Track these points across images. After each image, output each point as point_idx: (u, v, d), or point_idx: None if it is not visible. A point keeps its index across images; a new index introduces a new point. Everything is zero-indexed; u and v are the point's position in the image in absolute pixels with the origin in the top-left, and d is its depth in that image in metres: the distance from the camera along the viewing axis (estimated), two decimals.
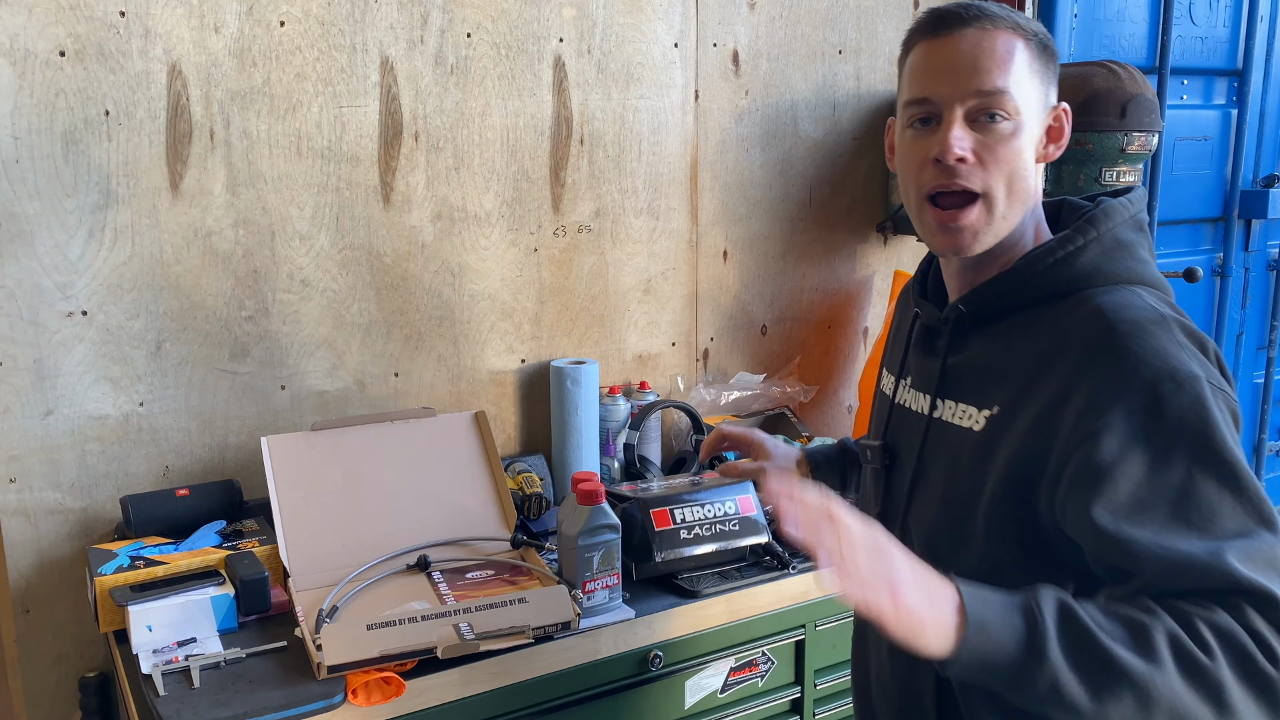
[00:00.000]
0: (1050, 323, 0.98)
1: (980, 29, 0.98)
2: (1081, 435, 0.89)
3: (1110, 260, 1.00)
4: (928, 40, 1.01)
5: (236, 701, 1.25)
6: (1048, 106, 1.03)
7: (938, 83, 0.98)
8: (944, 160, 0.97)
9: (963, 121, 0.98)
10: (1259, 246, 3.29)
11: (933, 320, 1.12)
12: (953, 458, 1.04)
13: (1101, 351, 0.91)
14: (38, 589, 1.63)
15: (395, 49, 1.77)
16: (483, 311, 1.93)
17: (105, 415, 1.64)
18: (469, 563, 1.60)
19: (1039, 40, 1.01)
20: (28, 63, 1.51)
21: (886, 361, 1.27)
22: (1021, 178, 0.99)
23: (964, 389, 1.05)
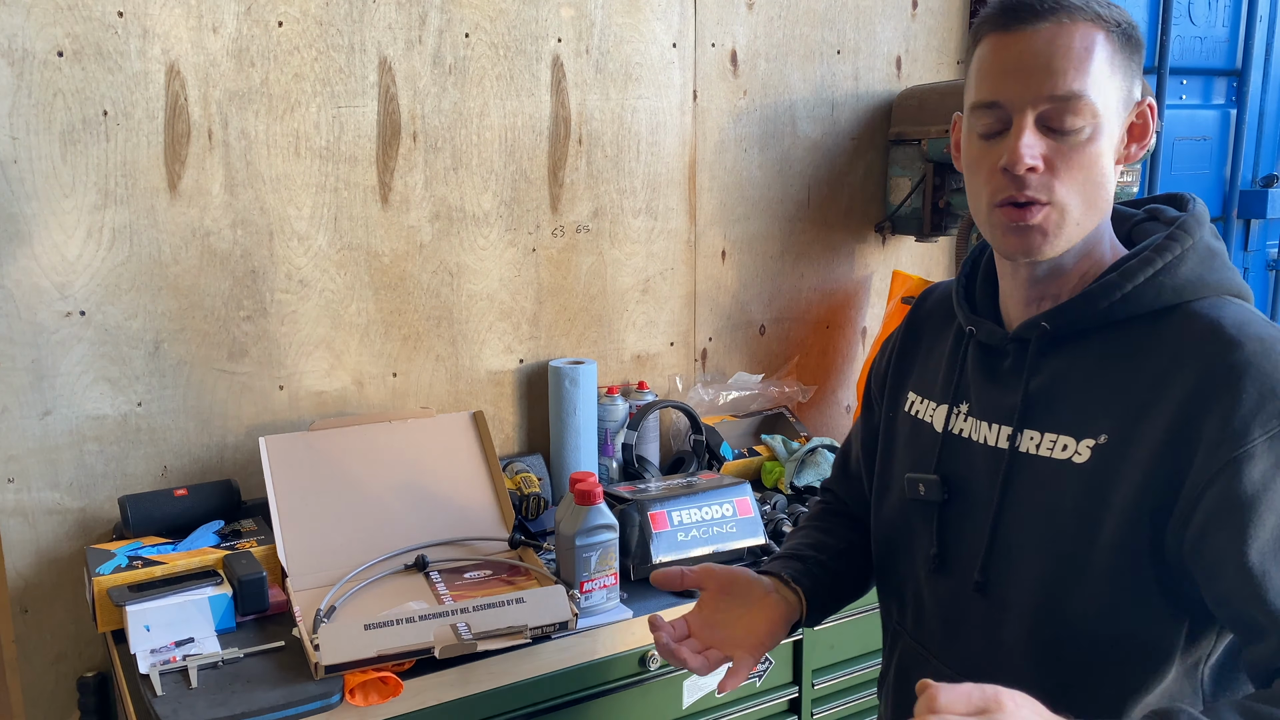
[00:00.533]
0: (1158, 339, 0.91)
1: (1057, 23, 0.88)
2: (1220, 463, 0.82)
3: (1210, 270, 0.93)
4: (998, 34, 0.91)
5: (234, 701, 1.25)
6: (1130, 103, 0.94)
7: (1007, 85, 0.90)
8: (1013, 170, 0.90)
9: (1034, 127, 0.90)
10: (1258, 246, 3.29)
11: (996, 339, 1.01)
12: (1051, 495, 0.94)
13: (1230, 370, 0.84)
14: (36, 589, 1.63)
15: (393, 49, 1.77)
16: (481, 311, 1.93)
17: (103, 415, 1.64)
18: (467, 563, 1.60)
19: (1122, 30, 0.91)
20: (26, 63, 1.51)
21: (915, 385, 1.14)
22: (1098, 184, 0.92)
23: (1054, 417, 0.95)
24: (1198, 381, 0.85)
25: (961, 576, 1.03)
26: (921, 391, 1.12)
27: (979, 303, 1.07)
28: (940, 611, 1.06)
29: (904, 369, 1.17)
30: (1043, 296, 0.99)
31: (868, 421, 1.25)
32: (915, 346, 1.17)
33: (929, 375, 1.12)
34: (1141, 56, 0.94)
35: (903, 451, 1.13)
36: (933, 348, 1.14)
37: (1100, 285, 0.94)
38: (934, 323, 1.15)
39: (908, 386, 1.15)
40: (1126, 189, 1.90)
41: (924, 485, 1.05)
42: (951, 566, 1.05)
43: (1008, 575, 0.99)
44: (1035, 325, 0.97)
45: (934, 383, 1.11)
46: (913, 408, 1.13)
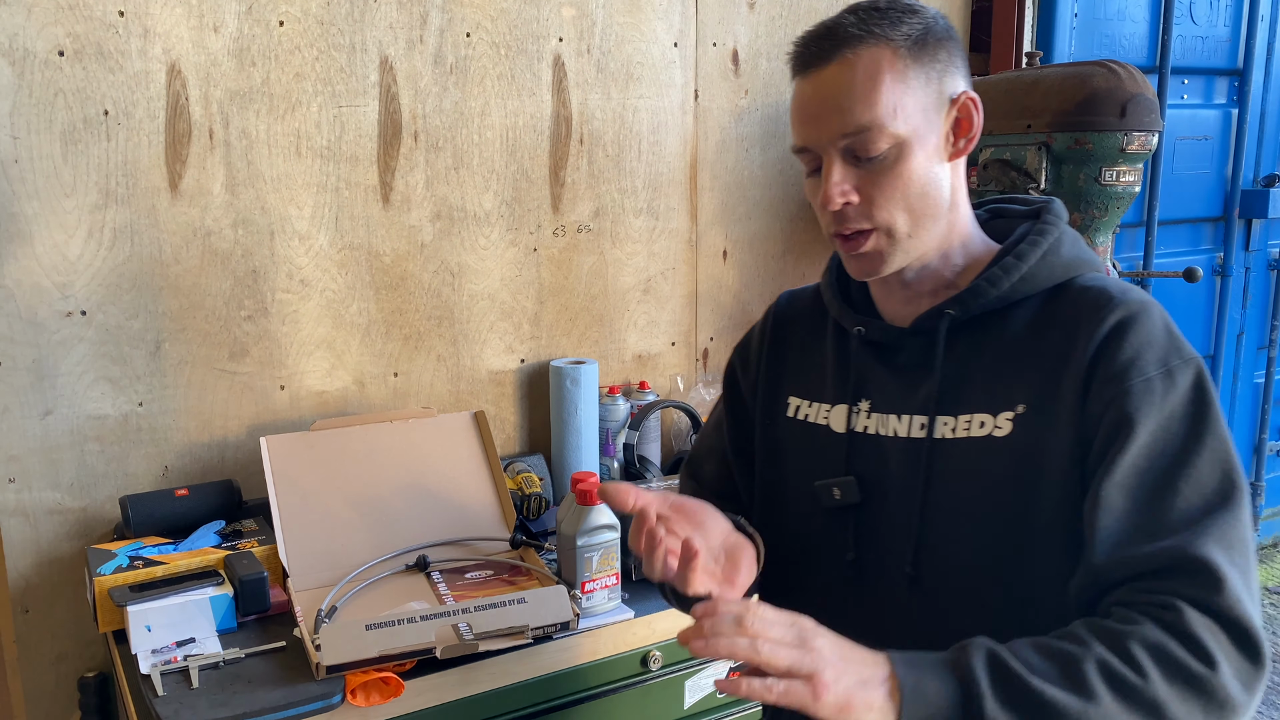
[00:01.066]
0: (1054, 312, 0.97)
1: (840, 60, 0.94)
2: (1104, 403, 0.90)
3: (1083, 251, 1.02)
4: (798, 80, 0.98)
5: (235, 702, 1.25)
6: (944, 103, 0.96)
7: (808, 129, 0.96)
8: (828, 209, 0.96)
9: (842, 163, 0.95)
10: (1259, 246, 3.29)
11: (891, 336, 1.03)
12: (978, 471, 0.96)
13: (1117, 327, 0.92)
14: (37, 589, 1.63)
15: (394, 48, 1.77)
16: (482, 311, 1.93)
17: (104, 415, 1.64)
18: (468, 563, 1.60)
19: (913, 39, 0.94)
20: (26, 62, 1.51)
21: (794, 389, 1.12)
22: (923, 195, 0.95)
23: (967, 400, 0.98)
24: (1094, 341, 0.92)
25: (886, 576, 1.01)
26: (805, 394, 1.11)
27: (856, 303, 1.09)
28: (863, 617, 1.01)
29: (776, 375, 1.15)
30: (920, 295, 1.03)
31: (737, 432, 1.18)
32: (783, 351, 1.15)
33: (809, 378, 1.11)
34: (951, 49, 0.96)
35: (796, 460, 1.10)
36: (806, 350, 1.13)
37: (1000, 268, 0.98)
38: (800, 326, 1.15)
39: (785, 392, 1.13)
40: (1129, 188, 1.90)
41: (839, 489, 1.03)
42: (872, 568, 1.02)
43: (942, 564, 0.98)
44: (939, 314, 1.00)
45: (820, 384, 1.09)
46: (799, 412, 1.11)
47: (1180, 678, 0.79)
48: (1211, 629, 0.81)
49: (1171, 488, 0.87)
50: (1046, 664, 0.81)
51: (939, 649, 0.93)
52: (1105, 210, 1.90)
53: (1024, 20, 2.47)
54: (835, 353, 1.09)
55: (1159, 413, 0.89)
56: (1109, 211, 1.91)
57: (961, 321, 0.99)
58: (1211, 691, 0.79)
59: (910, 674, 0.81)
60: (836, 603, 1.04)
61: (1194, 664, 0.79)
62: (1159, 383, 0.89)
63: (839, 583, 1.05)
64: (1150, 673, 0.79)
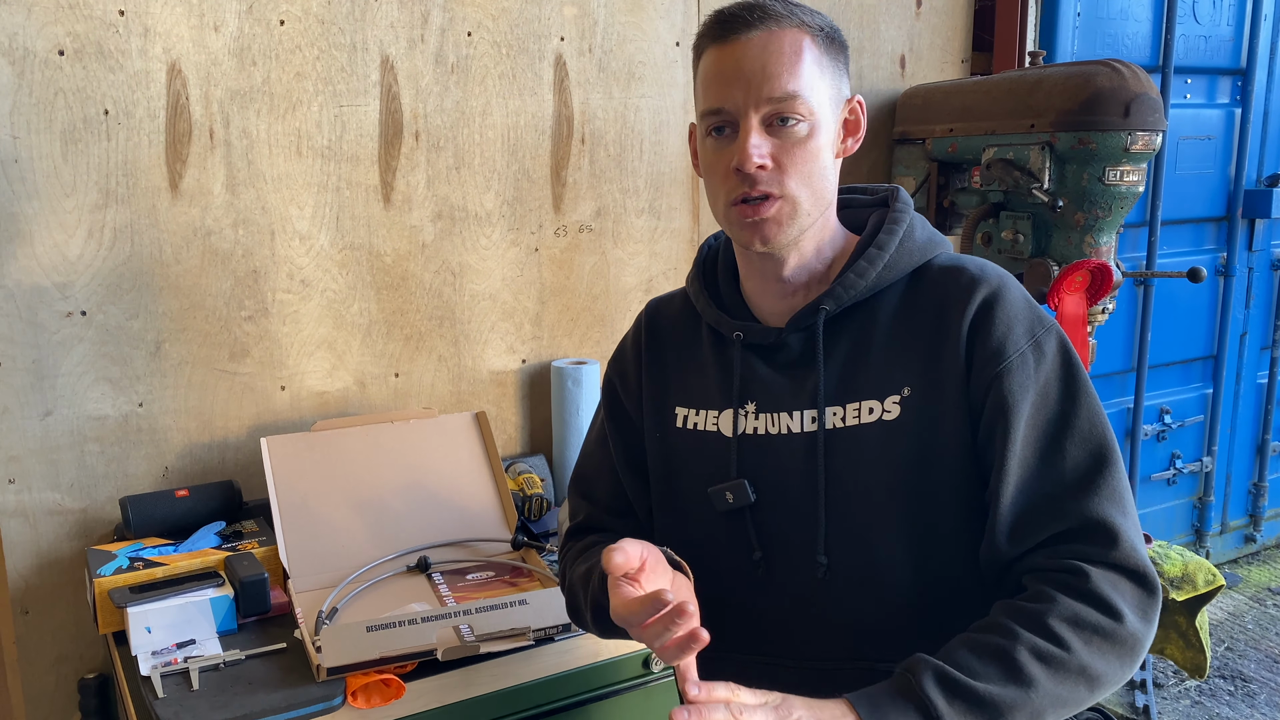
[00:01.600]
0: (920, 294, 1.02)
1: (766, 30, 0.96)
2: (988, 380, 0.96)
3: (932, 232, 1.07)
4: (716, 46, 0.99)
5: (236, 704, 1.24)
6: (841, 101, 1.02)
7: (729, 91, 0.97)
8: (743, 169, 0.97)
9: (759, 128, 0.97)
10: (1263, 246, 3.28)
11: (770, 337, 1.05)
12: (874, 456, 0.99)
13: (984, 304, 0.98)
14: (37, 590, 1.63)
15: (396, 48, 1.77)
16: (483, 311, 1.93)
17: (104, 416, 1.63)
18: (469, 564, 1.59)
19: (825, 34, 0.99)
20: (26, 62, 1.50)
21: (680, 399, 1.11)
22: (822, 177, 1.00)
23: (853, 390, 1.01)
24: (966, 319, 0.98)
25: (797, 570, 1.03)
26: (692, 403, 1.11)
27: (729, 307, 1.10)
28: (775, 614, 1.04)
29: (659, 386, 1.14)
30: (794, 290, 1.05)
31: (625, 445, 1.17)
32: (661, 362, 1.15)
33: (693, 386, 1.11)
34: (846, 58, 1.03)
35: (689, 467, 1.10)
36: (684, 360, 1.13)
37: (865, 259, 1.03)
38: (673, 334, 1.15)
39: (671, 403, 1.12)
40: (1132, 187, 1.89)
41: (731, 493, 1.04)
42: (782, 565, 1.04)
43: (851, 551, 1.01)
44: (815, 310, 1.03)
45: (706, 391, 1.10)
46: (687, 421, 1.10)
47: (1097, 637, 0.90)
48: (1113, 581, 0.92)
49: (1059, 450, 0.95)
50: (986, 666, 0.88)
51: (861, 633, 1.00)
52: (1109, 210, 1.89)
53: (1027, 19, 2.46)
54: (715, 358, 1.10)
55: (1035, 383, 0.96)
56: (1112, 211, 1.90)
57: (835, 314, 1.03)
58: (1122, 640, 0.91)
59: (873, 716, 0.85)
60: (749, 603, 1.05)
61: (1104, 621, 0.90)
62: (1030, 354, 0.96)
63: (749, 583, 1.05)
64: (1072, 643, 0.89)
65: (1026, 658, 0.88)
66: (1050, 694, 0.88)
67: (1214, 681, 2.83)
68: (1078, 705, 0.91)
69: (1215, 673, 2.87)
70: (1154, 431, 3.15)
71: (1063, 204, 1.91)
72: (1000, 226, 2.04)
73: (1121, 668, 0.92)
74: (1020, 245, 1.99)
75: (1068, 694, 0.89)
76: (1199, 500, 3.34)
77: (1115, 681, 0.92)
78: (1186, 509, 3.33)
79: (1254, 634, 3.10)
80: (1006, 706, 0.86)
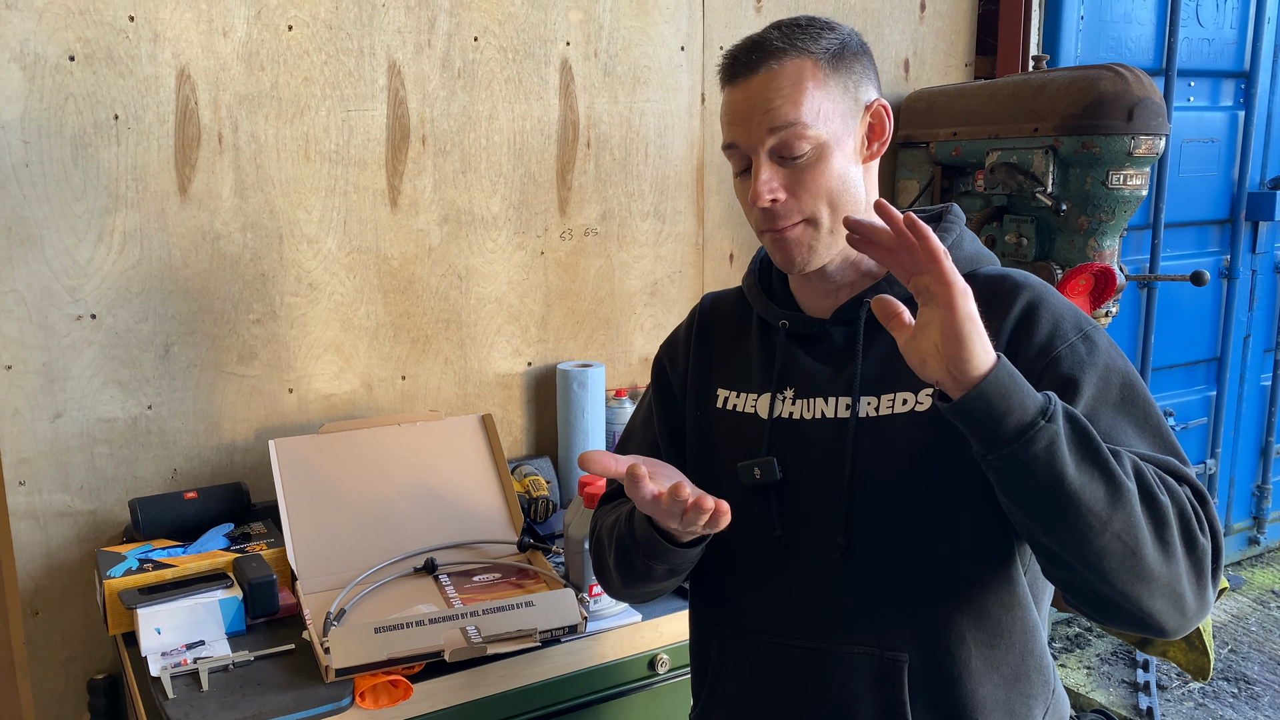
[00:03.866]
0: None
1: (766, 70, 1.02)
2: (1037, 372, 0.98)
3: (980, 246, 1.12)
4: (728, 88, 1.06)
5: (245, 704, 1.25)
6: (860, 110, 1.06)
7: (738, 130, 1.04)
8: (759, 206, 1.03)
9: (769, 162, 1.03)
10: (1266, 248, 3.28)
11: (814, 328, 1.10)
12: (902, 444, 1.03)
13: (1027, 309, 1.01)
14: (47, 591, 1.64)
15: (403, 53, 1.78)
16: (489, 314, 1.94)
17: (114, 418, 1.65)
18: (476, 566, 1.60)
19: (832, 53, 1.04)
20: (37, 67, 1.52)
21: (723, 382, 1.17)
22: (844, 192, 1.04)
23: (890, 379, 1.05)
24: (1009, 323, 1.01)
25: (817, 550, 1.06)
26: (734, 386, 1.16)
27: (779, 299, 1.16)
28: (790, 593, 1.08)
29: (704, 370, 1.20)
30: (839, 288, 1.10)
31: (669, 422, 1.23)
32: (708, 348, 1.21)
33: (738, 371, 1.17)
34: (865, 62, 1.07)
35: (725, 446, 1.15)
36: (732, 346, 1.19)
37: None
38: (725, 325, 1.21)
39: (714, 385, 1.19)
40: (1136, 191, 1.89)
41: (759, 469, 1.09)
42: (803, 543, 1.07)
43: (871, 534, 1.04)
44: (858, 303, 1.08)
45: (748, 376, 1.15)
46: (728, 403, 1.16)
47: (1183, 523, 0.90)
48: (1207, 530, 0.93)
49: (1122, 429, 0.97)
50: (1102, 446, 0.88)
51: (871, 619, 1.03)
52: (1112, 214, 1.90)
53: (1030, 23, 2.47)
54: (760, 346, 1.16)
55: (1094, 369, 0.98)
56: (1116, 215, 1.90)
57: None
58: (1204, 563, 0.91)
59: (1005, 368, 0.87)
60: (769, 578, 1.10)
61: (1197, 532, 0.91)
62: (1081, 345, 0.99)
63: (770, 559, 1.09)
64: (1168, 501, 0.90)
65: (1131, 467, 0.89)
66: (1135, 501, 0.87)
67: (1217, 684, 2.84)
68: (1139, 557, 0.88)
69: (1219, 675, 2.87)
70: None
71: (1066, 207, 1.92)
72: (1004, 230, 2.04)
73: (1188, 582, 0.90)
74: (1024, 249, 2.00)
75: (1141, 523, 0.87)
76: None
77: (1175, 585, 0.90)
78: None
79: (1257, 636, 3.10)
80: (1103, 463, 0.86)
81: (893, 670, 1.02)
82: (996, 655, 1.01)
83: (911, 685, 1.01)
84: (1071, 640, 3.06)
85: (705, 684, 1.17)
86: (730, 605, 1.14)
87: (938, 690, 1.01)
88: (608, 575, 1.18)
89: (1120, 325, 2.94)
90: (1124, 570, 0.88)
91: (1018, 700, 1.03)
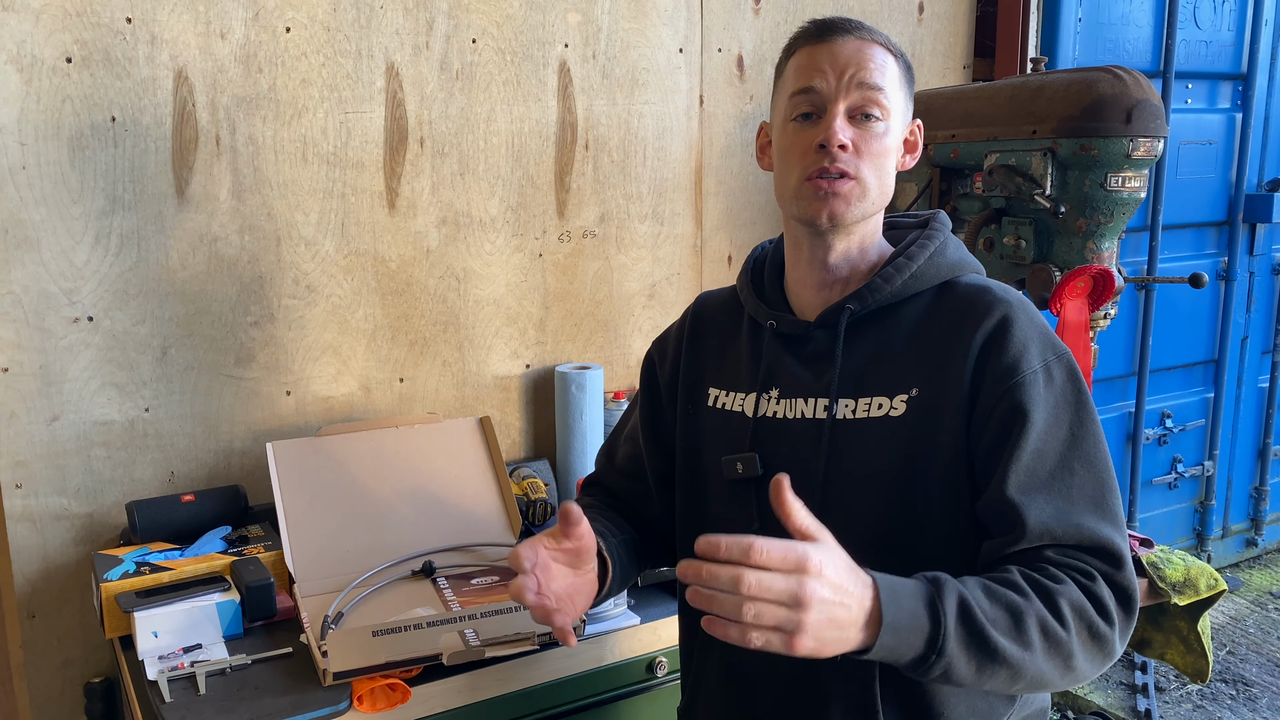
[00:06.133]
0: (942, 308, 1.09)
1: (860, 38, 1.09)
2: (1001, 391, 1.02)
3: (964, 255, 1.15)
4: (813, 44, 1.10)
5: (242, 708, 1.25)
6: (908, 120, 1.13)
7: (824, 76, 1.07)
8: (828, 146, 1.05)
9: (844, 115, 1.07)
10: (1264, 250, 3.29)
11: (799, 329, 1.14)
12: (876, 447, 1.07)
13: (1001, 324, 1.04)
14: (43, 594, 1.63)
15: (401, 55, 1.78)
16: (487, 317, 1.94)
17: (111, 421, 1.64)
18: (474, 568, 1.60)
19: (904, 61, 1.12)
20: (34, 69, 1.51)
21: (714, 381, 1.21)
22: (888, 173, 1.10)
23: (868, 383, 1.08)
24: (980, 335, 1.04)
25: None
26: (724, 385, 1.20)
27: (770, 300, 1.19)
28: None
29: (696, 369, 1.24)
30: (833, 282, 1.13)
31: (651, 413, 1.28)
32: (700, 347, 1.25)
33: (727, 370, 1.21)
34: (913, 88, 1.14)
35: (711, 443, 1.19)
36: (724, 347, 1.22)
37: (893, 266, 1.10)
38: (717, 325, 1.24)
39: (705, 384, 1.22)
40: (1134, 193, 1.89)
41: (741, 463, 1.13)
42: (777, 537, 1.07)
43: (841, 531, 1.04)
44: (840, 309, 1.11)
45: (737, 375, 1.19)
46: (717, 401, 1.20)
47: (1089, 633, 0.96)
48: (1112, 597, 0.98)
49: (1069, 470, 1.01)
50: (998, 614, 0.93)
51: None
52: (1110, 216, 1.90)
53: (1028, 25, 2.47)
54: (749, 346, 1.19)
55: (1045, 404, 1.02)
56: (1114, 217, 1.90)
57: (861, 315, 1.11)
58: (1108, 647, 0.98)
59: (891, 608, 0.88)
60: None
61: (1100, 623, 0.97)
62: (1041, 376, 1.03)
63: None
64: (1072, 627, 0.95)
65: (1033, 623, 0.93)
66: (1039, 665, 0.94)
67: (1215, 685, 2.84)
68: (1047, 688, 0.98)
69: (1217, 677, 2.87)
70: (1155, 436, 3.16)
71: (1064, 210, 1.92)
72: (1002, 232, 2.04)
73: (1093, 670, 0.99)
74: (1022, 251, 2.00)
75: (1049, 672, 0.95)
76: (1200, 504, 3.35)
77: (1083, 679, 0.99)
78: (1188, 513, 3.34)
79: (1255, 638, 3.10)
80: (1002, 658, 0.92)
81: (863, 666, 1.04)
82: None
83: (882, 680, 1.05)
84: None
85: (690, 677, 1.20)
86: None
87: (907, 685, 1.04)
88: None
89: (1118, 327, 2.94)
90: (1037, 688, 0.98)
91: (977, 695, 1.06)
